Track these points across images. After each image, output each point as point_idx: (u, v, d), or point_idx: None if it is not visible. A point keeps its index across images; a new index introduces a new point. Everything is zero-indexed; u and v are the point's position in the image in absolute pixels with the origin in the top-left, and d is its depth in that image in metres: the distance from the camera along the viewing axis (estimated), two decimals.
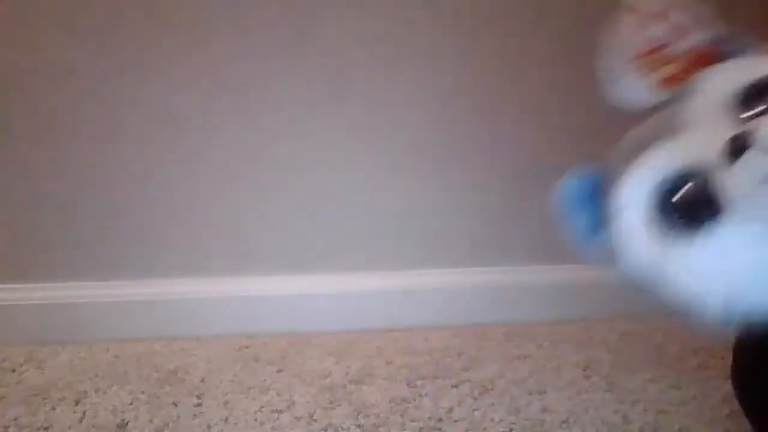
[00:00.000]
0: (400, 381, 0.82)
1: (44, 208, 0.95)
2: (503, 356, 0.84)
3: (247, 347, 0.94)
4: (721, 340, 0.69)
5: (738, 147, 0.30)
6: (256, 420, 0.74)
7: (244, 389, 0.81)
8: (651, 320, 0.96)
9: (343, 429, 0.71)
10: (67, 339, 0.95)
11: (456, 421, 0.73)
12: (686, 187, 0.31)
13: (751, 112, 0.32)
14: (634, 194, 0.33)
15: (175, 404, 0.77)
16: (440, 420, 0.73)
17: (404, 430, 0.71)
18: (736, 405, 0.73)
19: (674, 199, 0.32)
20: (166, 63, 0.92)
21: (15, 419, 0.74)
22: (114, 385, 0.83)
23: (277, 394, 0.80)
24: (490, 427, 0.72)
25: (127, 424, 0.73)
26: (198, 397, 0.79)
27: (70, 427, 0.73)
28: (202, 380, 0.84)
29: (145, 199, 0.96)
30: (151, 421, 0.73)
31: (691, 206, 0.31)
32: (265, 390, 0.81)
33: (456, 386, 0.81)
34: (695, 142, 0.32)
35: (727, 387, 0.76)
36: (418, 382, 0.82)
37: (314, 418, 0.74)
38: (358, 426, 0.71)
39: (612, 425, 0.73)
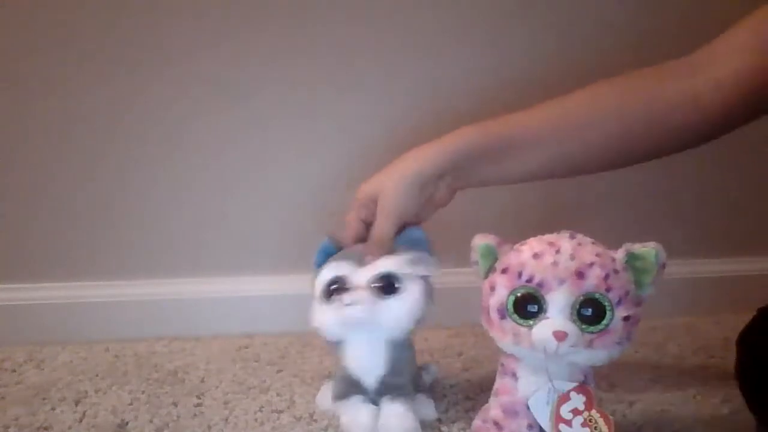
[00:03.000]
0: None
1: (44, 208, 0.95)
2: None
3: (247, 347, 0.94)
4: None
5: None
6: (256, 420, 0.74)
7: (244, 389, 0.81)
8: (651, 320, 0.96)
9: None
10: (67, 339, 0.95)
11: (454, 421, 0.73)
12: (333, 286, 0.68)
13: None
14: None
15: (175, 404, 0.77)
16: (439, 420, 0.73)
17: None
18: (736, 405, 0.73)
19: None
20: (167, 63, 0.92)
21: (15, 419, 0.74)
22: (114, 385, 0.83)
23: (277, 394, 0.80)
24: None
25: (127, 424, 0.73)
26: (198, 397, 0.79)
27: (70, 427, 0.73)
28: (202, 380, 0.84)
29: (145, 198, 0.97)
30: (151, 421, 0.73)
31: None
32: (265, 390, 0.81)
33: (455, 386, 0.81)
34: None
35: (728, 387, 0.76)
36: None
37: (314, 418, 0.74)
38: None
39: None
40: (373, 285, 0.66)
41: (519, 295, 0.57)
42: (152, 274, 0.98)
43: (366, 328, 0.68)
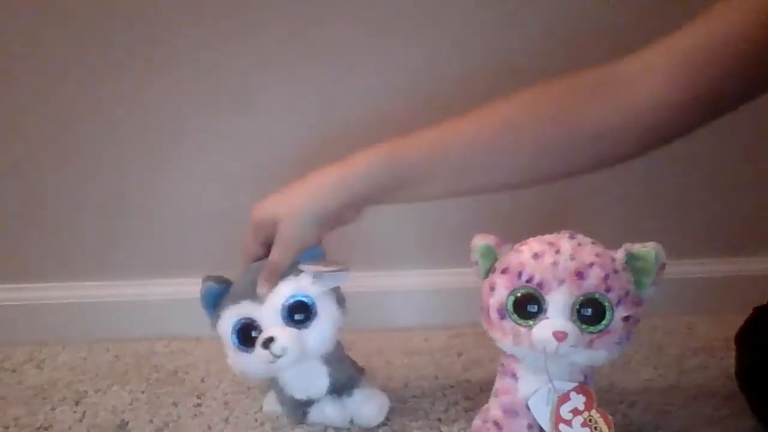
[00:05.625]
0: (400, 381, 0.82)
1: (44, 208, 0.95)
2: None
3: None
4: None
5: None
6: (256, 420, 0.74)
7: (244, 389, 0.81)
8: (651, 320, 0.96)
9: (342, 429, 0.71)
10: (67, 339, 0.95)
11: (454, 421, 0.73)
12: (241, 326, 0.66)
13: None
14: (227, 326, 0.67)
15: (175, 404, 0.77)
16: (439, 420, 0.73)
17: (404, 430, 0.71)
18: (736, 405, 0.73)
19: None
20: (166, 63, 0.92)
21: (15, 419, 0.75)
22: (114, 385, 0.83)
23: None
24: None
25: (127, 424, 0.73)
26: (198, 397, 0.79)
27: (70, 427, 0.73)
28: (202, 380, 0.84)
29: (146, 198, 0.97)
30: (151, 421, 0.74)
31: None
32: (265, 390, 0.81)
33: (455, 386, 0.81)
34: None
35: (728, 387, 0.76)
36: (418, 383, 0.82)
37: None
38: (359, 426, 0.72)
39: None
40: (287, 319, 0.65)
41: (519, 295, 0.57)
42: (152, 274, 0.98)
43: (287, 373, 0.67)
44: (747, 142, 0.98)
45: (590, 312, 0.55)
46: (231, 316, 0.66)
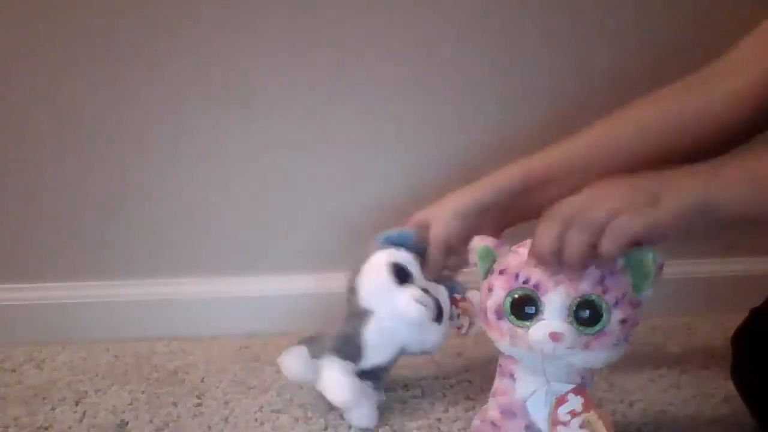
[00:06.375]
0: (400, 381, 0.82)
1: (44, 207, 0.95)
2: None
3: (247, 347, 0.94)
4: None
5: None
6: (256, 420, 0.74)
7: (244, 389, 0.81)
8: (651, 320, 0.96)
9: (342, 429, 0.71)
10: (67, 339, 0.95)
11: (454, 421, 0.73)
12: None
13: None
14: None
15: (175, 404, 0.78)
16: (439, 420, 0.73)
17: (404, 430, 0.71)
18: (736, 405, 0.73)
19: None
20: (168, 62, 0.92)
21: (15, 419, 0.75)
22: (114, 385, 0.83)
23: (277, 394, 0.80)
24: None
25: (127, 424, 0.73)
26: (198, 397, 0.79)
27: (70, 427, 0.73)
28: (202, 380, 0.84)
29: (146, 198, 0.97)
30: (151, 421, 0.74)
31: None
32: (265, 390, 0.81)
33: (455, 386, 0.81)
34: None
35: (728, 387, 0.76)
36: (418, 383, 0.82)
37: (313, 419, 0.74)
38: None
39: None
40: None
41: (516, 296, 0.57)
42: (152, 274, 0.98)
43: (400, 324, 0.71)
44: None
45: (587, 314, 0.55)
46: (397, 255, 0.74)
